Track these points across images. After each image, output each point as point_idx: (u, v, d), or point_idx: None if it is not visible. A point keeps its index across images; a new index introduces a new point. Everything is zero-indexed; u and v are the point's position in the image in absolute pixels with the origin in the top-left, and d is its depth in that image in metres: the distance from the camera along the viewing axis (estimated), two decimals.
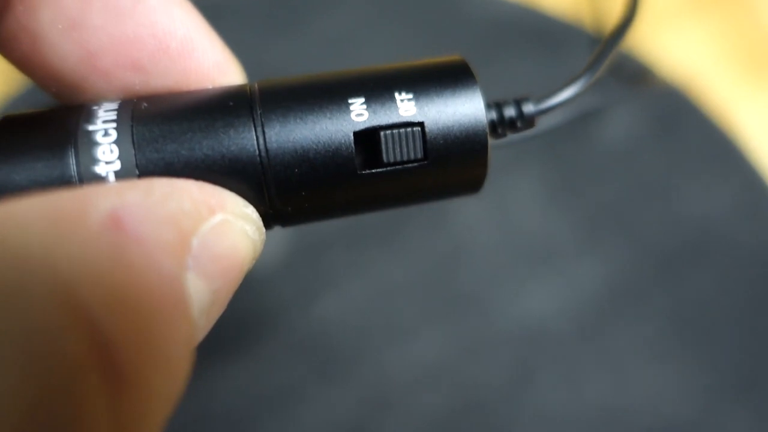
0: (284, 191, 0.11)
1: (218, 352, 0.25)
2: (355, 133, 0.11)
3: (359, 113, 0.11)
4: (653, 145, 0.31)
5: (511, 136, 0.14)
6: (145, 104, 0.11)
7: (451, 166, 0.12)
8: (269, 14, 0.33)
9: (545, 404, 0.25)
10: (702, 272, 0.28)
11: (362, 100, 0.11)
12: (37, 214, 0.08)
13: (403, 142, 0.11)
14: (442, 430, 0.24)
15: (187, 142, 0.11)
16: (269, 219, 0.12)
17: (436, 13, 0.33)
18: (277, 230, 0.27)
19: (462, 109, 0.12)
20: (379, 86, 0.12)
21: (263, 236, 0.11)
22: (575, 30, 0.33)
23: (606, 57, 0.13)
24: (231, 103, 0.11)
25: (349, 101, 0.11)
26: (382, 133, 0.11)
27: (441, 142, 0.12)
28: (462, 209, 0.28)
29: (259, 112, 0.11)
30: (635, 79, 0.31)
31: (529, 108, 0.13)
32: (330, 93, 0.12)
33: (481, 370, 0.26)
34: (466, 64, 0.12)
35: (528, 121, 0.13)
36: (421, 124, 0.12)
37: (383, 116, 0.11)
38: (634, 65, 0.32)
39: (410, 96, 0.12)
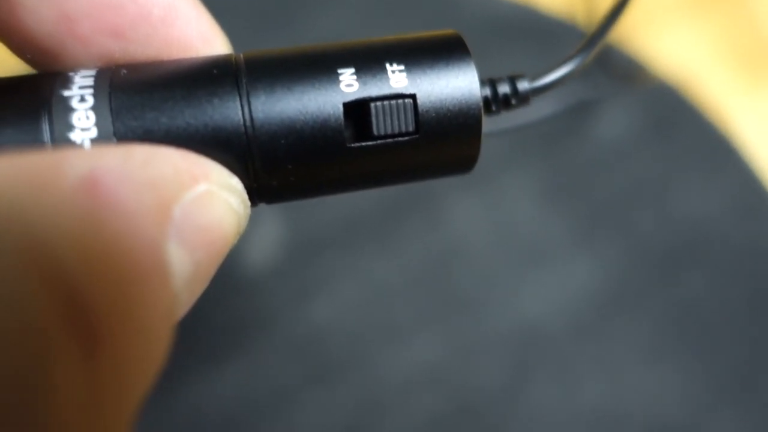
0: (270, 163, 0.11)
1: (212, 355, 0.25)
2: (345, 105, 0.11)
3: (349, 84, 0.11)
4: (648, 143, 0.31)
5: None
6: (125, 71, 0.11)
7: (444, 141, 0.12)
8: (262, 12, 0.32)
9: (541, 406, 0.25)
10: (697, 272, 0.28)
11: (352, 70, 0.11)
12: (9, 172, 0.08)
13: (395, 114, 0.11)
14: None
15: (168, 110, 0.10)
16: (254, 194, 0.11)
17: (430, 11, 0.33)
18: (271, 232, 0.27)
19: (455, 83, 0.11)
20: (369, 57, 0.11)
21: (248, 210, 0.11)
22: (569, 28, 0.33)
23: (603, 36, 0.13)
24: (215, 71, 0.11)
25: (339, 71, 0.11)
26: (372, 105, 0.11)
27: (433, 115, 0.11)
28: (457, 209, 0.28)
29: (244, 80, 0.11)
30: (630, 76, 0.31)
31: (524, 85, 0.13)
32: (319, 63, 0.11)
33: (476, 371, 0.25)
34: (461, 37, 0.12)
35: (522, 98, 0.13)
36: (413, 96, 0.11)
37: (374, 87, 0.11)
38: (630, 63, 0.32)
39: (402, 67, 0.11)
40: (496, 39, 0.32)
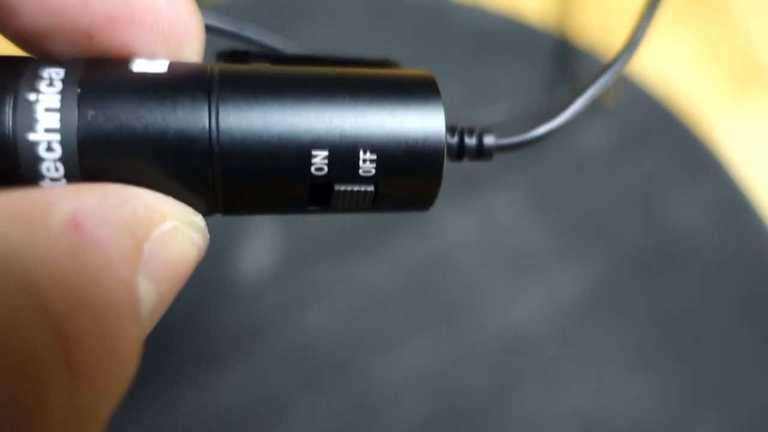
0: (231, 209, 0.12)
1: (207, 363, 0.25)
2: (310, 186, 0.11)
3: (319, 167, 0.11)
4: (632, 155, 0.30)
5: None
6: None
7: (397, 207, 0.12)
8: (255, 22, 0.31)
9: (529, 410, 0.26)
10: (680, 280, 0.28)
11: (325, 153, 0.11)
12: (2, 213, 0.09)
13: (354, 199, 0.12)
14: None
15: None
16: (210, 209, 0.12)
17: (421, 23, 0.31)
18: (264, 241, 0.27)
19: (422, 175, 0.12)
20: (344, 142, 0.11)
21: (207, 242, 0.12)
22: (553, 39, 0.32)
23: (577, 103, 0.13)
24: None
25: (313, 153, 0.11)
26: (335, 188, 0.11)
27: (391, 194, 0.12)
28: (446, 220, 0.28)
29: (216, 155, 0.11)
30: (614, 89, 0.31)
31: (489, 140, 0.13)
32: (294, 140, 0.11)
33: (466, 377, 0.26)
34: (442, 118, 0.12)
35: (486, 153, 0.13)
36: (377, 186, 0.12)
37: (341, 176, 0.11)
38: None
39: (374, 157, 0.11)
40: (481, 49, 0.31)
